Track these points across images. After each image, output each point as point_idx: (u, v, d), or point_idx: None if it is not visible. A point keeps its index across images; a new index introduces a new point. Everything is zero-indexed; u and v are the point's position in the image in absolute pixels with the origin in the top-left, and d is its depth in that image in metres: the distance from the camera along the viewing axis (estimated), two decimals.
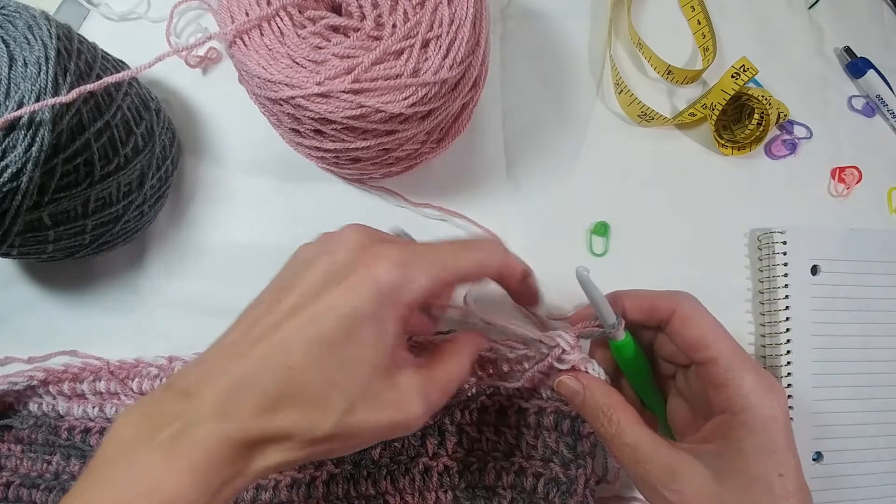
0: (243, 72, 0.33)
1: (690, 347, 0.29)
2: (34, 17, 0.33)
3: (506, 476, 0.36)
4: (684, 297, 0.31)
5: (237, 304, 0.42)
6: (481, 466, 0.37)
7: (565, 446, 0.35)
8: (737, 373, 0.28)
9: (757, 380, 0.28)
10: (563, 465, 0.35)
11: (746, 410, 0.27)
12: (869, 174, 0.46)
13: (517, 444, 0.36)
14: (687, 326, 0.30)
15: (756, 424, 0.27)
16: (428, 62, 0.31)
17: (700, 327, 0.29)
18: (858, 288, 0.43)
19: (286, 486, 0.37)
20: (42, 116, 0.30)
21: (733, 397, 0.28)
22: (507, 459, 0.36)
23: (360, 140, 0.33)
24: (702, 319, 0.30)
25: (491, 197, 0.43)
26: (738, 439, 0.27)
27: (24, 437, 0.40)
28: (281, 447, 0.25)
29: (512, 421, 0.37)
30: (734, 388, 0.28)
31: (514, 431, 0.36)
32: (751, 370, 0.28)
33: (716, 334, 0.29)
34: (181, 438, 0.23)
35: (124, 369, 0.40)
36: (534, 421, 0.36)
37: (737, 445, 0.27)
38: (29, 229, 0.34)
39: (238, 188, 0.44)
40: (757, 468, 0.26)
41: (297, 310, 0.26)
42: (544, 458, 0.35)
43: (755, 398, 0.27)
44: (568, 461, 0.35)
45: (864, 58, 0.47)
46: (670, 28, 0.47)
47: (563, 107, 0.45)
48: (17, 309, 0.43)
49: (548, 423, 0.36)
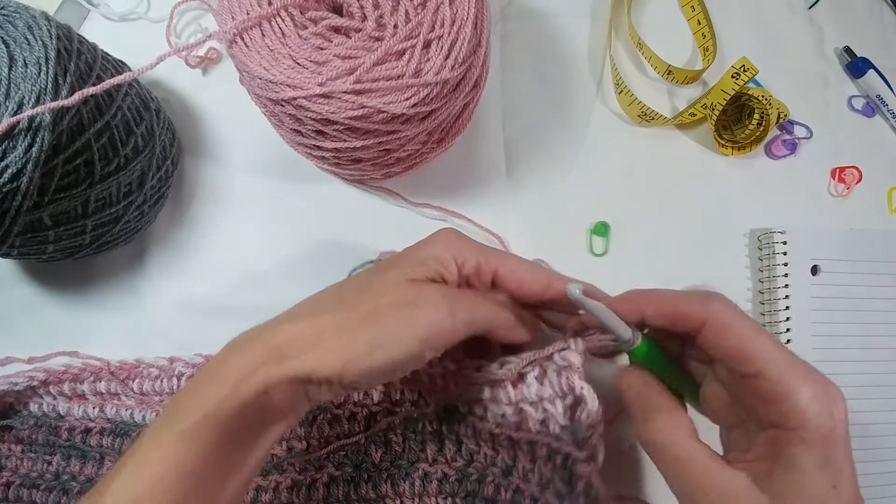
0: (244, 72, 0.33)
1: (731, 360, 0.26)
2: (34, 17, 0.33)
3: (504, 492, 0.35)
4: (717, 301, 0.28)
5: (237, 305, 0.42)
6: (480, 478, 0.36)
7: (560, 479, 0.32)
8: (790, 386, 0.25)
9: (813, 392, 0.25)
10: (558, 496, 0.32)
11: (804, 426, 0.24)
12: (869, 174, 0.46)
13: (514, 465, 0.35)
14: (724, 337, 0.27)
15: (814, 440, 0.24)
16: (429, 62, 0.31)
17: (740, 336, 0.26)
18: (858, 288, 0.43)
19: (286, 487, 0.37)
20: (42, 118, 0.30)
21: (788, 413, 0.25)
22: (504, 477, 0.36)
23: (362, 140, 0.33)
24: (741, 327, 0.27)
25: (491, 197, 0.43)
26: (795, 456, 0.25)
27: (25, 438, 0.40)
28: (311, 371, 0.25)
29: (506, 445, 0.35)
30: (789, 403, 0.25)
31: (509, 454, 0.35)
32: (805, 380, 0.25)
33: (759, 343, 0.26)
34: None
35: (125, 370, 0.40)
36: (527, 449, 0.34)
37: (793, 463, 0.25)
38: (29, 230, 0.34)
39: (238, 188, 0.44)
40: (815, 486, 0.24)
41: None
42: (541, 484, 0.34)
43: (812, 413, 0.24)
44: (563, 494, 0.32)
45: (864, 58, 0.47)
46: (670, 28, 0.47)
47: (563, 107, 0.45)
48: (17, 309, 0.43)
49: (542, 455, 0.33)
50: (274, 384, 0.25)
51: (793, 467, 0.25)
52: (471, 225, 0.42)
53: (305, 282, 0.42)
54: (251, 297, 0.42)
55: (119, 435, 0.38)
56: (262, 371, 0.25)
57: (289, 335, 0.26)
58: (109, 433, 0.39)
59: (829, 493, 0.24)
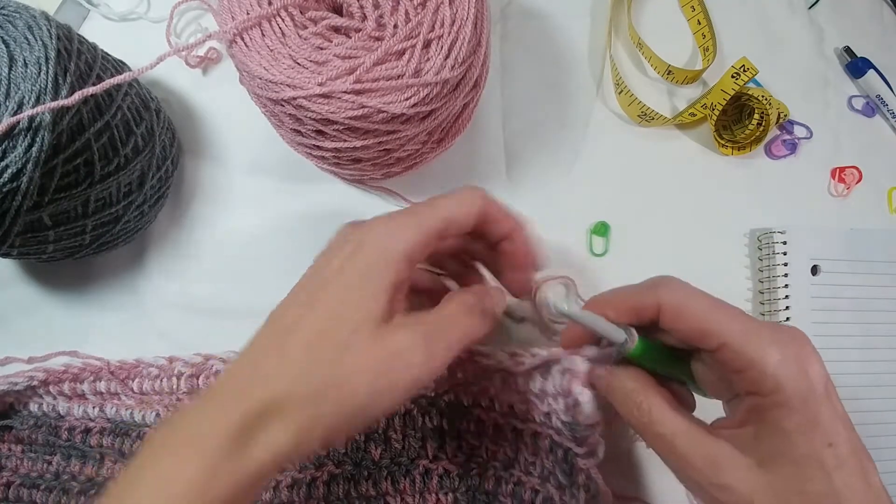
0: (244, 72, 0.33)
1: (693, 339, 0.26)
2: (34, 17, 0.33)
3: (505, 485, 0.36)
4: (664, 285, 0.28)
5: (237, 305, 0.42)
6: (482, 472, 0.37)
7: (561, 472, 0.33)
8: (756, 353, 0.24)
9: (781, 355, 0.24)
10: (558, 487, 0.33)
11: (778, 390, 0.24)
12: (869, 174, 0.46)
13: (515, 458, 0.36)
14: (680, 320, 0.27)
15: (792, 402, 0.24)
16: (429, 62, 0.31)
17: (695, 315, 0.26)
18: (858, 288, 0.43)
19: (287, 486, 0.37)
20: (42, 118, 0.30)
21: (759, 380, 0.24)
22: (506, 470, 0.36)
23: (362, 140, 0.33)
24: (694, 306, 0.26)
25: None
26: (776, 420, 0.24)
27: (25, 438, 0.40)
28: (277, 422, 0.24)
29: (510, 437, 0.36)
30: (757, 370, 0.24)
31: (512, 446, 0.36)
32: (771, 344, 0.25)
33: (717, 317, 0.26)
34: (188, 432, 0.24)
35: (124, 369, 0.40)
36: (531, 441, 0.35)
37: (776, 427, 0.24)
38: (29, 229, 0.34)
39: (238, 188, 0.44)
40: (802, 447, 0.24)
41: (299, 291, 0.28)
42: (542, 476, 0.34)
43: (784, 377, 0.24)
44: (564, 486, 0.33)
45: (864, 58, 0.47)
46: (670, 28, 0.48)
47: (563, 107, 0.45)
48: (17, 309, 0.43)
49: (544, 447, 0.34)
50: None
51: (776, 431, 0.24)
52: None
53: None
54: (251, 298, 0.42)
55: (119, 434, 0.38)
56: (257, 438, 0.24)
57: (263, 401, 0.24)
58: (109, 433, 0.39)
59: (825, 451, 0.24)
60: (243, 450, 0.23)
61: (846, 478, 0.24)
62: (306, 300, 0.27)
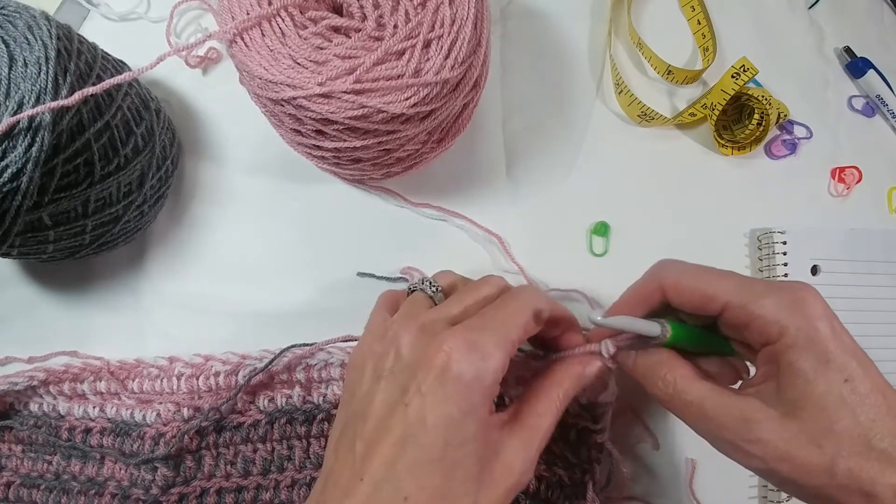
0: (244, 72, 0.33)
1: (698, 309, 0.28)
2: (34, 17, 0.33)
3: None
4: (661, 268, 0.29)
5: (237, 305, 0.42)
6: None
7: (569, 452, 0.34)
8: (754, 304, 0.26)
9: (778, 301, 0.26)
10: (566, 468, 0.34)
11: (784, 333, 0.25)
12: (869, 174, 0.46)
13: None
14: (680, 294, 0.28)
15: (799, 342, 0.25)
16: (429, 62, 0.31)
17: (691, 286, 0.28)
18: (858, 288, 0.43)
19: (286, 486, 0.37)
20: (42, 118, 0.30)
21: (764, 329, 0.26)
22: None
23: (362, 140, 0.33)
24: (689, 277, 0.28)
25: (491, 197, 0.43)
26: (790, 364, 0.25)
27: (25, 438, 0.40)
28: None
29: None
30: (760, 320, 0.26)
31: None
32: (766, 294, 0.26)
33: (712, 281, 0.27)
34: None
35: (125, 370, 0.40)
36: None
37: (792, 371, 0.25)
38: (29, 229, 0.34)
39: (238, 188, 0.44)
40: (820, 385, 0.24)
41: (383, 433, 0.25)
42: (548, 462, 0.35)
43: (785, 318, 0.25)
44: (572, 465, 0.34)
45: (864, 58, 0.47)
46: (670, 28, 0.48)
47: (563, 107, 0.45)
48: (17, 309, 0.43)
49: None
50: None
51: (794, 375, 0.25)
52: (471, 225, 0.42)
53: (305, 282, 0.42)
54: (251, 298, 0.42)
55: (119, 435, 0.38)
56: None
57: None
58: (110, 433, 0.39)
59: (843, 387, 0.24)
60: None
61: (871, 413, 0.24)
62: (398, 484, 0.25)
